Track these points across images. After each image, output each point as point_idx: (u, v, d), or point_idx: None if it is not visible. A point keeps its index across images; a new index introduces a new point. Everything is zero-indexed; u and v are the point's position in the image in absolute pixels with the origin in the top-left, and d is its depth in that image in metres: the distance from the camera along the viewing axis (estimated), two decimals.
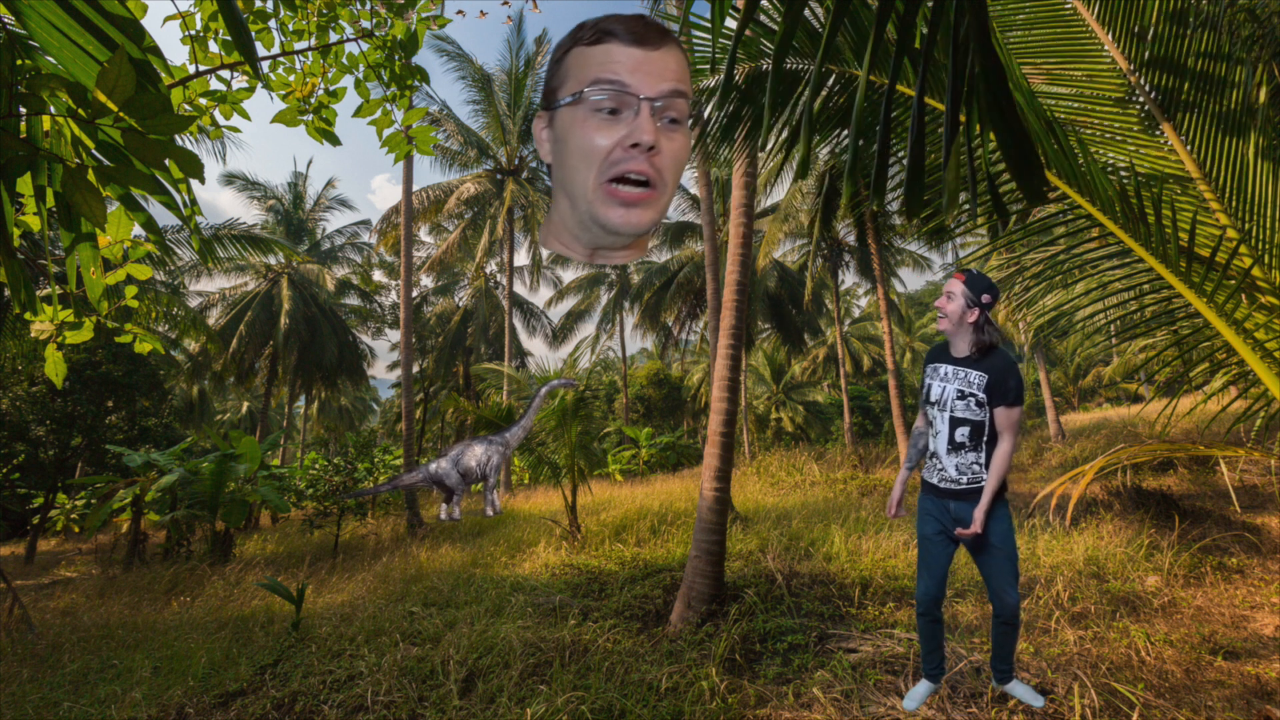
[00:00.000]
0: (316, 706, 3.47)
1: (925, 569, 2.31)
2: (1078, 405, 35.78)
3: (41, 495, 12.87)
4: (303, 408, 32.75)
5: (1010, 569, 2.17)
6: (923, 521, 2.32)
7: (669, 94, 0.63)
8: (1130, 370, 22.89)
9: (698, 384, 27.83)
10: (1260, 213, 2.31)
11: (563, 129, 0.65)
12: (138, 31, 0.95)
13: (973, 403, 2.18)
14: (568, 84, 0.64)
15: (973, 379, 2.20)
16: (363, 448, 11.30)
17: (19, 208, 1.42)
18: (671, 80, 0.63)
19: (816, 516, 7.84)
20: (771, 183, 15.51)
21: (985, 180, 0.86)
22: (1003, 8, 2.98)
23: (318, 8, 1.77)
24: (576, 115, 0.63)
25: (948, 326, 2.23)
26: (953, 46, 0.64)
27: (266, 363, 18.74)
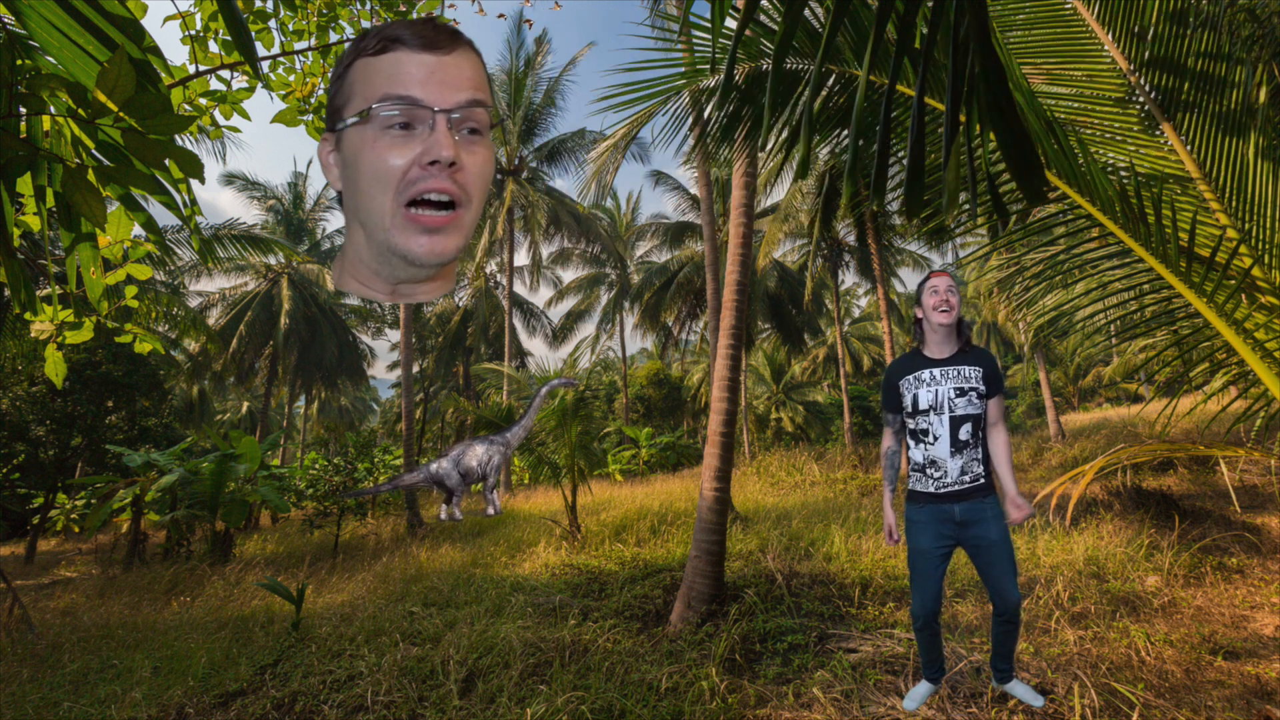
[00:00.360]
0: (316, 706, 3.47)
1: (920, 583, 2.25)
2: (1078, 405, 35.78)
3: (41, 495, 12.87)
4: (303, 408, 32.76)
5: (1012, 566, 2.17)
6: (918, 535, 2.25)
7: (466, 104, 0.58)
8: (1130, 370, 22.90)
9: (698, 384, 27.84)
10: (1260, 213, 2.31)
11: (352, 151, 0.58)
12: (138, 31, 0.95)
13: (974, 396, 2.19)
14: (354, 101, 0.58)
15: (969, 374, 2.21)
16: (363, 448, 11.30)
17: (19, 208, 1.42)
18: (468, 89, 0.58)
19: (816, 516, 7.84)
20: (771, 183, 15.51)
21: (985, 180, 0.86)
22: (1003, 8, 2.98)
23: (318, 8, 1.77)
24: (366, 135, 0.57)
25: (947, 320, 2.24)
26: (953, 46, 0.64)
27: (266, 363, 18.75)
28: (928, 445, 2.22)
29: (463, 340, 22.90)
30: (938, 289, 2.23)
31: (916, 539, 2.26)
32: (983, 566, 2.21)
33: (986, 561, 2.18)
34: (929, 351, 2.28)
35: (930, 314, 2.24)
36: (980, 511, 2.17)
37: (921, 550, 2.24)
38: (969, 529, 2.19)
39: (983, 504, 2.18)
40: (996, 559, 2.16)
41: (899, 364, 2.33)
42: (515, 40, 17.86)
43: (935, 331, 2.26)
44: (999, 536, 2.16)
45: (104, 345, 12.16)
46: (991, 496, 2.20)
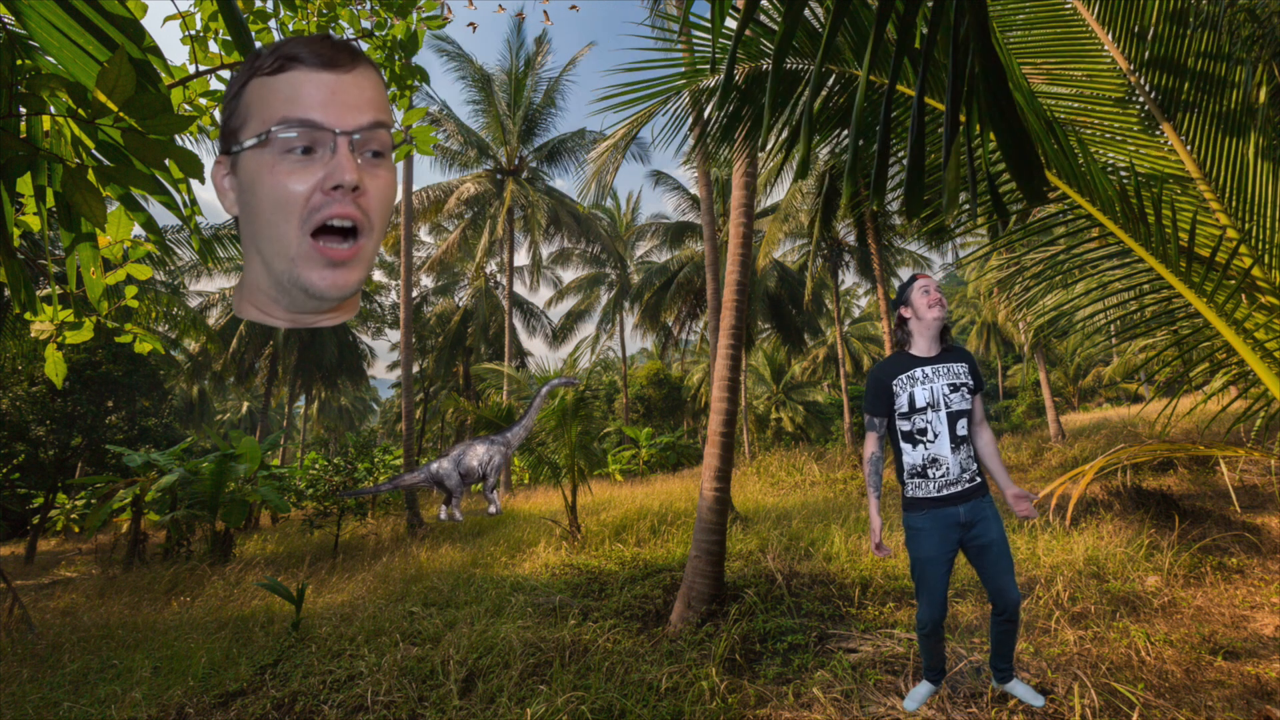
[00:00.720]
0: (316, 706, 3.47)
1: (927, 591, 2.23)
2: (1078, 405, 35.79)
3: (41, 495, 12.88)
4: (303, 408, 32.77)
5: (1010, 565, 2.18)
6: (922, 543, 2.22)
7: (369, 126, 0.55)
8: (1130, 370, 22.90)
9: (698, 384, 27.84)
10: (1260, 213, 2.31)
11: (249, 176, 0.55)
12: (138, 31, 0.95)
13: (965, 391, 2.23)
14: (250, 123, 0.55)
15: (958, 370, 2.26)
16: (363, 448, 11.30)
17: (19, 208, 1.42)
18: (370, 111, 0.56)
19: (816, 516, 7.84)
20: (771, 183, 15.52)
21: (985, 180, 0.86)
22: (1003, 8, 2.98)
23: (318, 8, 1.77)
24: (264, 159, 0.54)
25: (944, 316, 2.29)
26: (953, 46, 0.63)
27: (266, 363, 18.75)
28: (927, 444, 2.21)
29: (463, 340, 22.91)
30: (929, 289, 2.28)
31: (921, 548, 2.22)
32: (983, 567, 2.21)
33: (987, 562, 2.18)
34: (916, 351, 2.30)
35: (924, 312, 2.27)
36: (981, 511, 2.19)
37: (929, 559, 2.21)
38: (971, 530, 2.19)
39: (983, 503, 2.20)
40: (997, 559, 2.16)
41: (887, 365, 2.33)
42: (515, 40, 17.86)
43: (927, 329, 2.28)
44: (999, 535, 2.17)
45: (104, 345, 12.16)
46: (989, 496, 2.22)
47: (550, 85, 18.09)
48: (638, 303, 21.83)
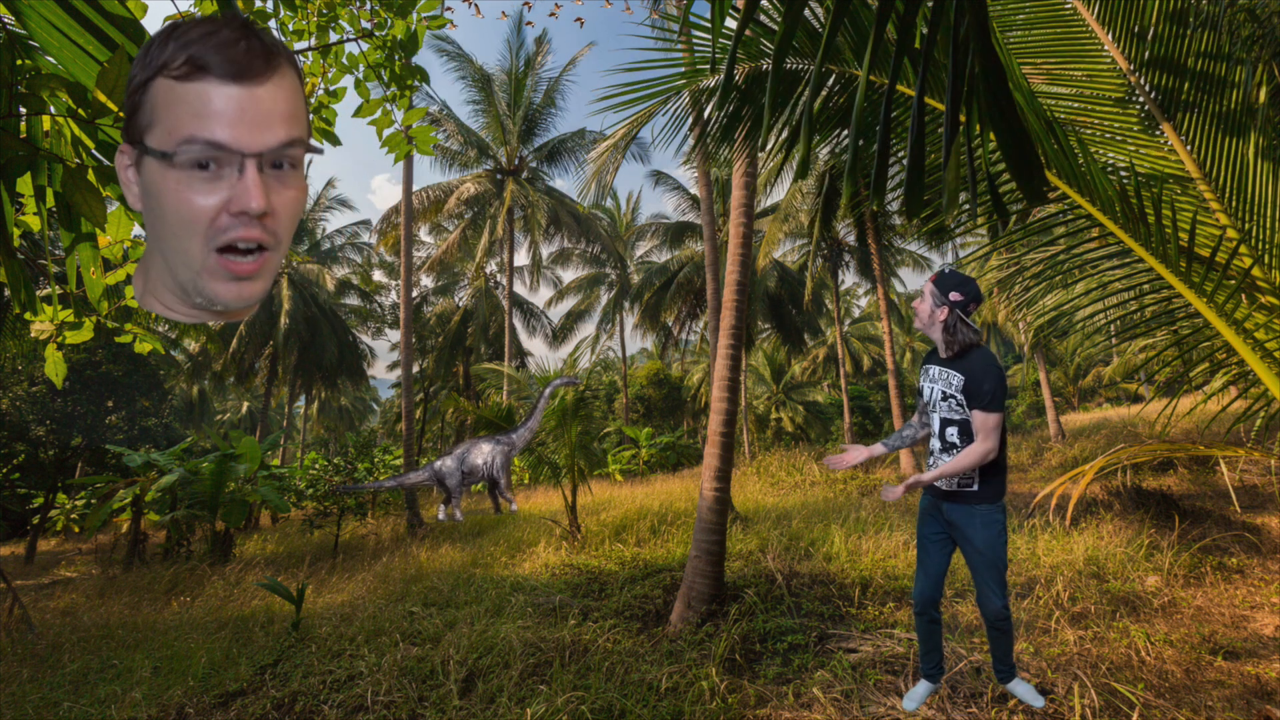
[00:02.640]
0: (316, 706, 3.47)
1: (922, 569, 2.35)
2: (1078, 405, 35.78)
3: (41, 495, 12.88)
4: (303, 408, 32.76)
5: (993, 575, 2.17)
6: (922, 522, 2.37)
7: (280, 146, 0.53)
8: (1130, 370, 22.90)
9: (698, 384, 27.84)
10: (1260, 213, 2.31)
11: (153, 184, 0.52)
12: (138, 31, 0.95)
13: (954, 403, 2.21)
14: (155, 128, 0.51)
15: (952, 380, 2.22)
16: (363, 448, 11.30)
17: (19, 208, 1.42)
18: (282, 128, 0.52)
19: (816, 516, 7.84)
20: (771, 183, 15.52)
21: (985, 180, 0.86)
22: (1003, 8, 2.98)
23: (318, 8, 1.77)
24: (168, 174, 0.51)
25: (919, 325, 2.29)
26: (953, 46, 0.63)
27: (266, 363, 18.75)
28: (931, 437, 2.32)
29: (463, 340, 22.91)
30: (919, 295, 2.30)
31: (920, 525, 2.37)
32: (970, 570, 2.29)
33: (971, 566, 2.24)
34: (938, 350, 2.32)
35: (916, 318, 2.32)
36: (967, 516, 2.20)
37: (923, 537, 2.34)
38: (954, 530, 2.25)
39: (970, 510, 2.19)
40: (978, 566, 2.19)
41: (928, 353, 2.40)
42: (515, 40, 17.86)
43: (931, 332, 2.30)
44: (982, 545, 2.16)
45: (104, 345, 12.16)
46: (981, 505, 2.18)
47: (550, 85, 18.10)
48: (638, 303, 21.83)
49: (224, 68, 0.50)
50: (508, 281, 18.03)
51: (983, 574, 2.19)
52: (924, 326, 2.28)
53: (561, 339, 25.56)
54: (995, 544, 2.16)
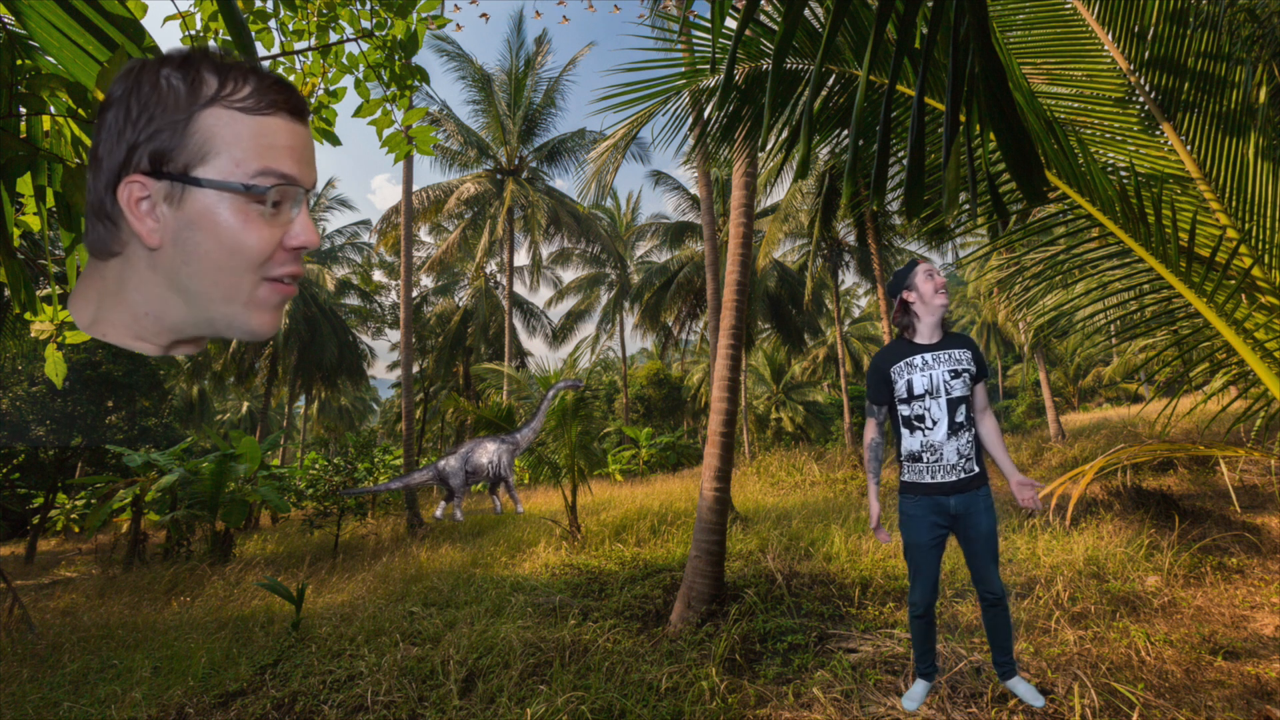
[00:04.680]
0: (316, 706, 3.47)
1: (919, 576, 2.30)
2: (1078, 405, 35.78)
3: (41, 495, 12.87)
4: (303, 408, 32.76)
5: (995, 557, 2.24)
6: (917, 530, 2.27)
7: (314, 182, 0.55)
8: (1130, 370, 22.90)
9: (698, 384, 27.84)
10: (1260, 213, 2.31)
11: (201, 214, 0.50)
12: (138, 31, 0.95)
13: (966, 378, 2.24)
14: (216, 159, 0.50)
15: (960, 355, 2.26)
16: (363, 448, 11.30)
17: (19, 208, 1.42)
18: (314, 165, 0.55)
19: (816, 516, 7.84)
20: (771, 183, 15.52)
21: (985, 180, 0.86)
22: (1003, 8, 2.98)
23: (318, 8, 1.77)
24: (230, 207, 0.50)
25: (947, 300, 2.30)
26: (953, 46, 0.63)
27: (266, 363, 18.75)
28: (925, 431, 2.24)
29: (463, 340, 22.91)
30: (933, 273, 2.28)
31: (911, 532, 2.30)
32: (969, 555, 2.27)
33: (973, 552, 2.24)
34: (918, 338, 2.31)
35: (931, 298, 2.27)
36: (974, 503, 2.22)
37: (917, 544, 2.28)
38: (961, 520, 2.24)
39: (976, 495, 2.23)
40: (983, 551, 2.22)
41: (886, 353, 2.36)
42: (515, 40, 17.86)
43: (931, 315, 2.29)
44: (988, 529, 2.21)
45: (104, 345, 12.16)
46: (985, 488, 2.24)
47: (550, 85, 18.11)
48: (638, 303, 21.84)
49: (291, 103, 0.52)
50: (508, 281, 18.04)
51: (984, 558, 2.21)
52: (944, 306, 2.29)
53: (561, 339, 25.57)
54: (995, 525, 2.23)
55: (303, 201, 0.53)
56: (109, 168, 0.51)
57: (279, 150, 0.51)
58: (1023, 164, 0.68)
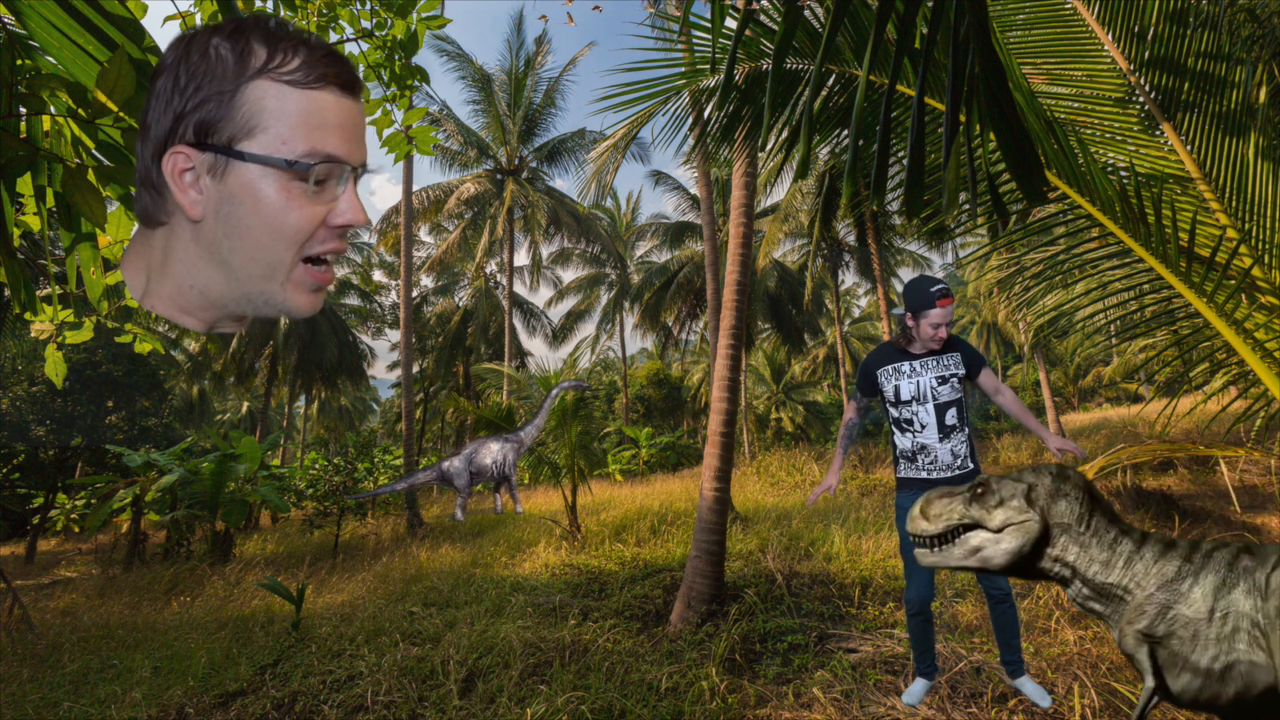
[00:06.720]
0: (316, 706, 3.47)
1: (914, 572, 2.34)
2: (1078, 405, 35.78)
3: (41, 495, 12.87)
4: (303, 408, 32.76)
5: None
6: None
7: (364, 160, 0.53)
8: (1130, 370, 22.91)
9: (698, 384, 27.84)
10: (1260, 213, 2.31)
11: (244, 189, 0.49)
12: (138, 31, 0.95)
13: (955, 381, 2.31)
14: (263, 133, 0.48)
15: (948, 361, 2.34)
16: (363, 448, 11.31)
17: (19, 208, 1.42)
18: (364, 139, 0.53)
19: (816, 516, 7.84)
20: (771, 183, 15.52)
21: (985, 180, 0.86)
22: (1003, 8, 2.98)
23: (317, 8, 1.77)
24: (274, 183, 0.49)
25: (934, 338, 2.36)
26: (953, 46, 0.63)
27: (266, 363, 18.75)
28: (915, 434, 2.31)
29: (463, 340, 22.90)
30: (938, 323, 2.30)
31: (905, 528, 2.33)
32: None
33: None
34: (910, 348, 2.35)
35: (927, 341, 2.34)
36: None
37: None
38: None
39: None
40: None
41: (876, 355, 2.44)
42: (515, 40, 17.86)
43: (924, 346, 2.36)
44: None
45: (104, 345, 12.16)
46: None
47: (550, 85, 18.11)
48: (638, 303, 21.84)
49: (341, 79, 0.50)
50: (508, 281, 18.05)
51: None
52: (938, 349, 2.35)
53: (561, 339, 25.57)
54: None
55: (349, 179, 0.52)
56: (155, 136, 0.51)
57: (327, 129, 0.50)
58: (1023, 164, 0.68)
